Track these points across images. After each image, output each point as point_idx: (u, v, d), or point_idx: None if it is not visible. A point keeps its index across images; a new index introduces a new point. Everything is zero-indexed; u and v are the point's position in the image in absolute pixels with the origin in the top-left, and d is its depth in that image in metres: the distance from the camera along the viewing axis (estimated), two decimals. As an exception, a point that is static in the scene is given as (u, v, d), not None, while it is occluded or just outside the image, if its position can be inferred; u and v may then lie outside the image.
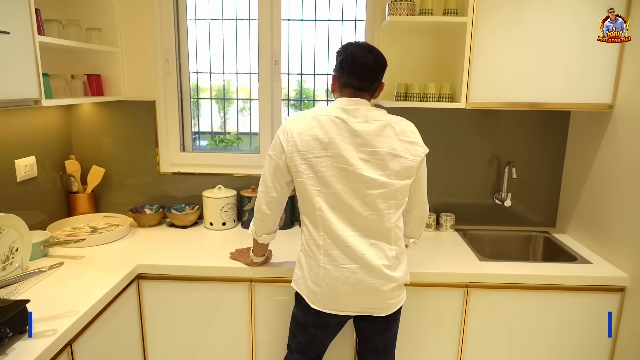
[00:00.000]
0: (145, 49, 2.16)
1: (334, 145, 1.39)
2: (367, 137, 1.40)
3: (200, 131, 2.53)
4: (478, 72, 1.83)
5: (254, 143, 2.51)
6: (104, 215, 2.22)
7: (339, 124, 1.40)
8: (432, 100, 1.93)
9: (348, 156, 1.39)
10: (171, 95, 2.28)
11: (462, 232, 2.20)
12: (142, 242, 1.99)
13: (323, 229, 1.42)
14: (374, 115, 1.44)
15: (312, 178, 1.41)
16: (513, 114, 2.19)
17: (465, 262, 1.85)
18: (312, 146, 1.40)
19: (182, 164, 2.36)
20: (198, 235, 2.12)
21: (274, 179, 1.49)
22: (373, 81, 1.45)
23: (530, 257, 2.23)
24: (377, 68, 1.44)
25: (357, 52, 1.42)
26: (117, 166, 2.28)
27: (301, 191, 1.45)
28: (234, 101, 2.45)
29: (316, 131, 1.40)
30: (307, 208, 1.45)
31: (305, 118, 1.43)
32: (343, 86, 1.46)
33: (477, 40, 1.80)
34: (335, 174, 1.40)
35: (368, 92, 1.47)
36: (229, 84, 2.41)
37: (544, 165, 2.25)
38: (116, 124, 2.24)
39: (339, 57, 1.45)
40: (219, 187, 2.20)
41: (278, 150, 1.45)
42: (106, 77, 2.15)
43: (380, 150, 1.40)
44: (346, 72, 1.43)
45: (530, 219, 2.31)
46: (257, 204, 1.58)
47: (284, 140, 1.43)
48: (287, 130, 1.43)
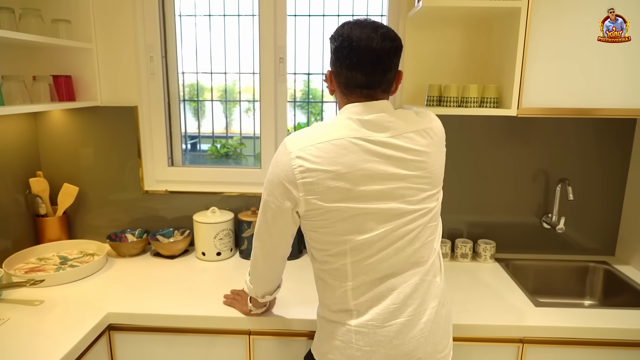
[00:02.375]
0: (124, 45, 1.81)
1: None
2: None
3: (201, 134, 2.19)
4: (534, 70, 1.46)
5: (258, 148, 2.19)
6: (77, 242, 1.87)
7: (368, 147, 1.03)
8: (474, 106, 1.56)
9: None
10: (156, 100, 1.93)
11: (504, 263, 1.83)
12: (119, 279, 1.64)
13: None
14: (409, 120, 1.08)
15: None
16: (561, 121, 1.82)
17: (516, 307, 1.48)
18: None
19: (170, 181, 2.00)
20: (187, 268, 1.76)
21: (275, 226, 1.12)
22: (385, 72, 1.04)
23: (587, 293, 1.85)
24: (388, 52, 1.02)
25: (356, 34, 1.01)
26: (93, 183, 1.93)
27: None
28: (238, 102, 2.09)
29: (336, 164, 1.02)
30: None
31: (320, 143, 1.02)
32: (345, 85, 1.07)
33: (532, 31, 1.43)
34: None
35: (380, 88, 1.06)
36: (234, 84, 2.06)
37: (601, 182, 1.88)
38: (92, 134, 1.89)
39: (333, 44, 1.06)
40: (213, 210, 1.85)
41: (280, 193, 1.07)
42: (78, 78, 1.80)
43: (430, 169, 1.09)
44: (345, 64, 1.03)
45: (583, 246, 1.94)
46: (253, 260, 1.23)
47: (290, 177, 1.03)
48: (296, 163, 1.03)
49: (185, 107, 2.06)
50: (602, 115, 1.49)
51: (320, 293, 1.16)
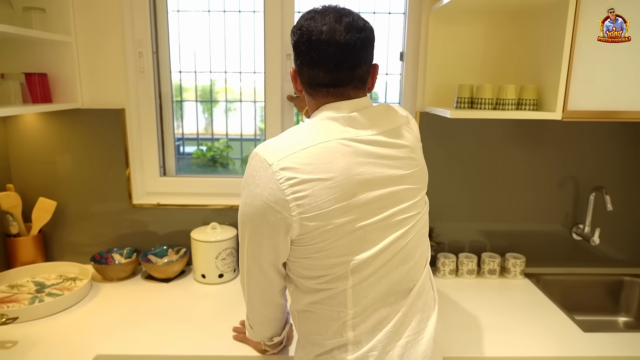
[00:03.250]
0: (110, 39, 1.58)
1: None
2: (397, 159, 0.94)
3: (184, 137, 1.98)
4: (582, 70, 1.30)
5: (245, 150, 2.00)
6: (56, 264, 1.63)
7: (359, 149, 0.88)
8: (511, 109, 1.40)
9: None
10: (146, 101, 1.70)
11: (535, 279, 1.68)
12: (107, 310, 1.41)
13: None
14: (390, 115, 0.97)
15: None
16: (590, 124, 1.68)
17: (560, 333, 1.32)
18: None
19: (163, 193, 1.78)
20: (186, 293, 1.54)
21: (268, 261, 0.94)
22: (353, 68, 0.89)
23: (622, 309, 1.72)
24: (354, 46, 0.86)
25: (315, 25, 0.86)
26: (74, 197, 1.69)
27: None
28: (219, 103, 1.89)
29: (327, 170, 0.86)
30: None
31: (306, 150, 0.85)
32: (308, 85, 0.93)
33: (581, 26, 1.28)
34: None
35: (352, 85, 0.91)
36: (214, 84, 1.86)
37: (631, 190, 1.75)
38: (71, 141, 1.65)
39: (292, 38, 0.92)
40: (213, 226, 1.64)
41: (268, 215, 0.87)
42: (55, 76, 1.56)
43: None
44: (305, 61, 0.89)
45: (611, 257, 1.80)
46: (249, 305, 1.04)
47: (279, 197, 0.84)
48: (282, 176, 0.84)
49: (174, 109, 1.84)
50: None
51: (307, 331, 0.97)
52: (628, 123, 1.67)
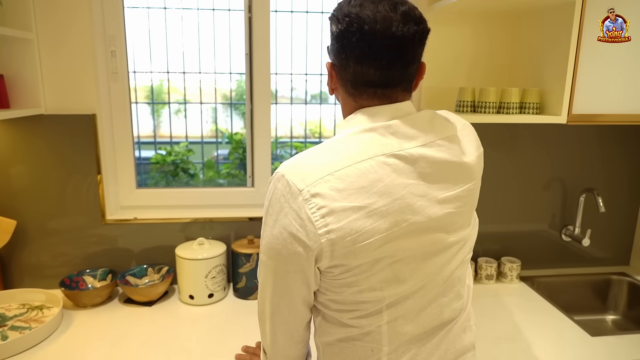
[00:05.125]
0: (77, 36, 1.40)
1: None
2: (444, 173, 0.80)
3: (140, 140, 1.83)
4: (587, 73, 1.30)
5: (207, 154, 1.88)
6: (18, 292, 1.43)
7: (400, 167, 0.74)
8: (514, 113, 1.37)
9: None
10: (120, 105, 1.53)
11: (530, 282, 1.68)
12: (84, 343, 1.24)
13: None
14: (438, 123, 0.82)
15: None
16: (575, 126, 1.70)
17: (568, 338, 1.31)
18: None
19: (139, 207, 1.62)
20: (172, 317, 1.40)
21: (300, 297, 0.81)
22: (407, 65, 0.77)
23: (610, 307, 1.75)
24: (412, 38, 0.74)
25: (368, 13, 0.73)
26: (36, 214, 1.50)
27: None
28: (166, 104, 1.78)
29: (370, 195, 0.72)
30: None
31: (343, 171, 0.72)
32: (352, 83, 0.79)
33: (586, 28, 1.27)
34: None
35: (401, 86, 0.79)
36: (162, 84, 1.73)
37: (616, 190, 1.79)
38: (33, 150, 1.45)
39: (336, 27, 0.77)
40: (201, 241, 1.50)
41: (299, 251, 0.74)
42: (13, 78, 1.37)
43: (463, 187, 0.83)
44: (353, 55, 0.76)
45: (595, 256, 1.84)
46: (272, 344, 0.88)
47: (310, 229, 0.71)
48: (314, 206, 0.71)
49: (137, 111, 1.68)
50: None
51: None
52: (610, 125, 1.70)
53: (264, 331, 0.88)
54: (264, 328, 0.88)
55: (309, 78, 1.78)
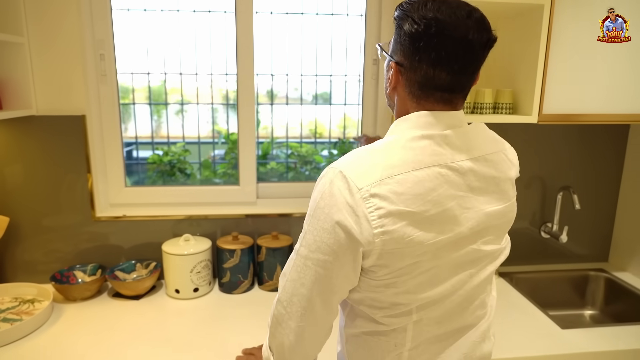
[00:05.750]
0: (67, 40, 1.46)
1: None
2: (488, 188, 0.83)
3: (138, 140, 1.87)
4: (556, 74, 1.34)
5: (204, 154, 1.92)
6: (10, 286, 1.49)
7: (454, 178, 0.77)
8: (488, 112, 1.42)
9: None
10: (109, 107, 1.59)
11: (509, 277, 1.72)
12: (72, 334, 1.30)
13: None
14: (488, 137, 0.87)
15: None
16: (555, 127, 1.74)
17: (541, 331, 1.36)
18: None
19: (128, 204, 1.67)
20: (158, 310, 1.45)
21: (324, 297, 0.80)
22: (474, 71, 0.80)
23: (588, 302, 1.79)
24: (484, 46, 0.77)
25: (446, 18, 0.74)
26: (28, 212, 1.55)
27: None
28: (170, 105, 1.80)
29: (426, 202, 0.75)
30: None
31: (402, 176, 0.74)
32: (420, 85, 0.79)
33: (555, 31, 1.31)
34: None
35: (463, 93, 0.82)
36: (164, 85, 1.77)
37: (594, 189, 1.83)
38: (25, 150, 1.51)
39: (411, 27, 0.76)
40: (186, 237, 1.55)
41: (344, 247, 0.75)
42: (5, 81, 1.42)
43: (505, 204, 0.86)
44: (429, 58, 0.76)
45: (575, 252, 1.88)
46: (296, 341, 0.84)
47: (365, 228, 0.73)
48: (370, 207, 0.72)
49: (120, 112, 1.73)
50: (621, 122, 1.42)
51: (359, 357, 0.89)
52: (587, 125, 1.74)
53: (282, 332, 0.85)
54: (284, 328, 0.84)
55: (310, 79, 1.82)
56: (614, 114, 1.41)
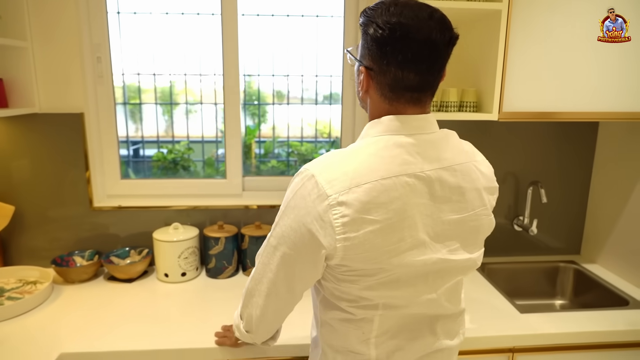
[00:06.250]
0: (67, 44, 1.59)
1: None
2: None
3: (144, 139, 2.00)
4: (514, 74, 1.44)
5: (207, 152, 2.04)
6: (15, 269, 1.63)
7: (419, 187, 0.82)
8: (453, 110, 1.52)
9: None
10: (106, 105, 1.73)
11: (480, 267, 1.81)
12: (70, 311, 1.43)
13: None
14: (457, 147, 0.90)
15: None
16: (528, 124, 1.83)
17: (502, 315, 1.45)
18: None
19: (124, 195, 1.81)
20: (149, 293, 1.58)
21: (287, 284, 0.90)
22: (440, 70, 0.84)
23: (558, 292, 1.88)
24: (447, 45, 0.81)
25: (409, 21, 0.77)
26: (32, 201, 1.69)
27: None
28: (180, 104, 1.92)
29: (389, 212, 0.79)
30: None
31: (370, 185, 0.78)
32: (390, 88, 0.83)
33: (513, 33, 1.41)
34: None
35: (431, 91, 0.86)
36: (174, 86, 1.89)
37: (566, 184, 1.91)
38: (29, 145, 1.65)
39: (376, 32, 0.80)
40: (176, 226, 1.68)
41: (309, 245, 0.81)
42: (11, 81, 1.57)
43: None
44: (396, 60, 0.80)
45: (549, 245, 1.97)
46: (261, 315, 0.97)
47: (329, 231, 0.78)
48: (337, 213, 0.77)
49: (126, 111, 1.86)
50: (576, 119, 1.50)
51: (330, 341, 0.95)
52: (559, 122, 1.83)
53: (251, 305, 0.96)
54: (253, 302, 0.96)
55: (317, 80, 1.93)
56: (575, 112, 1.49)
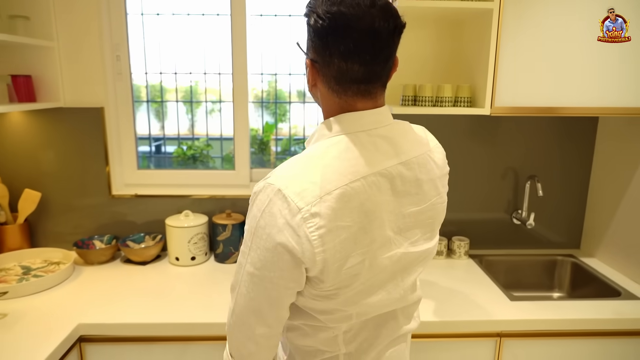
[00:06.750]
0: (89, 44, 1.73)
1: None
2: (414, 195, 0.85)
3: (165, 136, 2.12)
4: (506, 71, 1.49)
5: (225, 149, 2.14)
6: (41, 250, 1.77)
7: (384, 185, 0.80)
8: (448, 105, 1.58)
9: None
10: (124, 100, 1.86)
11: (478, 259, 1.87)
12: (88, 288, 1.57)
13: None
14: (413, 139, 0.87)
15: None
16: (527, 119, 1.88)
17: (492, 302, 1.51)
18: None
19: (140, 184, 1.93)
20: (161, 274, 1.70)
21: (272, 311, 0.82)
22: (387, 59, 0.79)
23: (556, 285, 1.91)
24: (392, 33, 0.77)
25: (349, 10, 0.73)
26: (57, 188, 1.84)
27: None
28: (202, 103, 2.04)
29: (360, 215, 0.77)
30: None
31: (339, 190, 0.74)
32: (336, 80, 0.79)
33: (504, 32, 1.47)
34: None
35: (381, 81, 0.81)
36: (197, 85, 2.01)
37: (567, 179, 1.95)
38: (55, 137, 1.79)
39: (317, 22, 0.76)
40: (186, 213, 1.80)
41: (287, 265, 0.76)
42: (39, 78, 1.71)
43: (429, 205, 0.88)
44: (338, 51, 0.76)
45: (550, 240, 2.00)
46: (250, 350, 0.85)
47: (306, 246, 0.73)
48: (312, 226, 0.73)
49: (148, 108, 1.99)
50: (570, 114, 1.55)
51: (298, 343, 0.93)
52: (559, 117, 1.87)
53: (241, 339, 0.85)
54: (241, 336, 0.84)
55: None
56: (567, 107, 1.54)
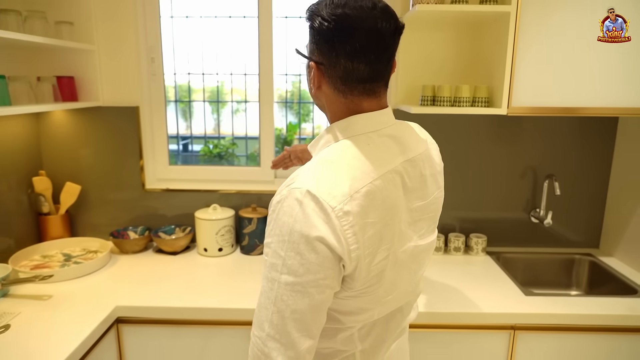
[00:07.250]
0: (126, 47, 1.85)
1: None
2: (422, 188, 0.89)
3: (192, 135, 2.23)
4: (523, 71, 1.53)
5: (250, 147, 2.23)
6: (80, 239, 1.91)
7: (397, 181, 0.83)
8: (466, 105, 1.63)
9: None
10: (157, 100, 1.97)
11: (495, 256, 1.91)
12: (124, 275, 1.68)
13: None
14: (415, 137, 0.91)
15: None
16: (546, 119, 1.90)
17: (507, 296, 1.55)
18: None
19: (171, 179, 2.05)
20: (190, 264, 1.81)
21: (315, 319, 0.78)
22: (389, 59, 0.83)
23: (573, 284, 1.94)
24: (393, 33, 0.80)
25: (354, 12, 0.77)
26: (95, 182, 1.97)
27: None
28: (228, 103, 2.14)
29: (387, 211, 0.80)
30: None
31: (366, 189, 0.76)
32: (342, 80, 0.82)
33: (521, 34, 1.51)
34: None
35: (383, 81, 0.84)
36: (223, 85, 2.11)
37: (586, 178, 1.96)
38: (93, 133, 1.92)
39: (322, 24, 0.79)
40: (214, 207, 1.90)
41: (323, 270, 0.74)
42: (80, 79, 1.84)
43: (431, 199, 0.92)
44: (344, 52, 0.79)
45: (569, 239, 2.02)
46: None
47: (341, 249, 0.74)
48: (346, 228, 0.74)
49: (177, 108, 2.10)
50: (587, 114, 1.58)
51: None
52: (578, 117, 1.89)
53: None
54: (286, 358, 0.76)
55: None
56: (583, 107, 1.57)
